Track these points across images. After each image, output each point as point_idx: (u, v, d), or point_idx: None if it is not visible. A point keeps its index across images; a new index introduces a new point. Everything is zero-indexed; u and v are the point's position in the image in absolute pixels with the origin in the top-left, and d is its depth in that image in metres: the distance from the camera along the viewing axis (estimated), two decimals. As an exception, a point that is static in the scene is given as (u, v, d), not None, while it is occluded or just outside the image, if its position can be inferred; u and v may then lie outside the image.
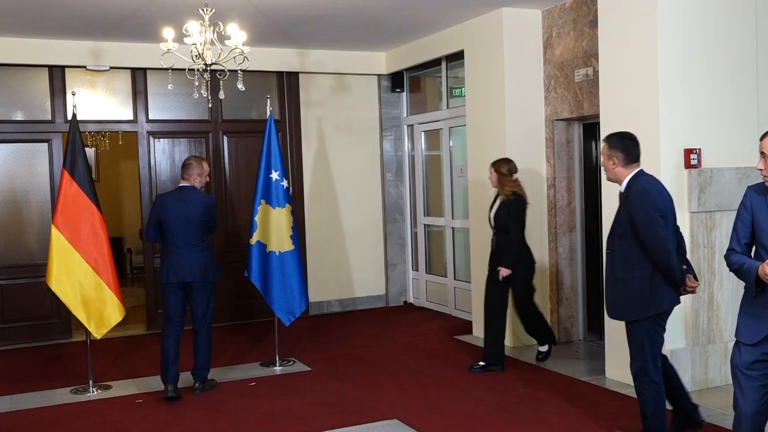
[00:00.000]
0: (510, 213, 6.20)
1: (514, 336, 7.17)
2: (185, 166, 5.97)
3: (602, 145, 4.51)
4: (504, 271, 6.23)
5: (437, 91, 9.32)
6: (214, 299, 6.02)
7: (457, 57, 8.22)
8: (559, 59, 7.06)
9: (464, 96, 7.99)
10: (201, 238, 5.87)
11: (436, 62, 8.71)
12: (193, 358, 5.92)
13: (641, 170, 4.39)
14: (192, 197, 5.86)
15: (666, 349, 5.50)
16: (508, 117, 7.14)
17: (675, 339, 5.54)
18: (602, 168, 4.56)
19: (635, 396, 5.47)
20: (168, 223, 5.81)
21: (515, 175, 6.33)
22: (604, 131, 5.97)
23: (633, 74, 5.68)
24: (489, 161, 7.31)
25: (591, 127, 7.21)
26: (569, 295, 7.32)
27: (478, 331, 7.64)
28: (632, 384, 5.66)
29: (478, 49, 7.52)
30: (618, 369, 5.92)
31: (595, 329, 7.19)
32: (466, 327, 7.97)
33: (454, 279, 8.87)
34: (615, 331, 5.93)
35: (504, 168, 6.32)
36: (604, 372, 6.08)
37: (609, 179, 4.53)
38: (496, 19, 7.19)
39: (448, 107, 8.81)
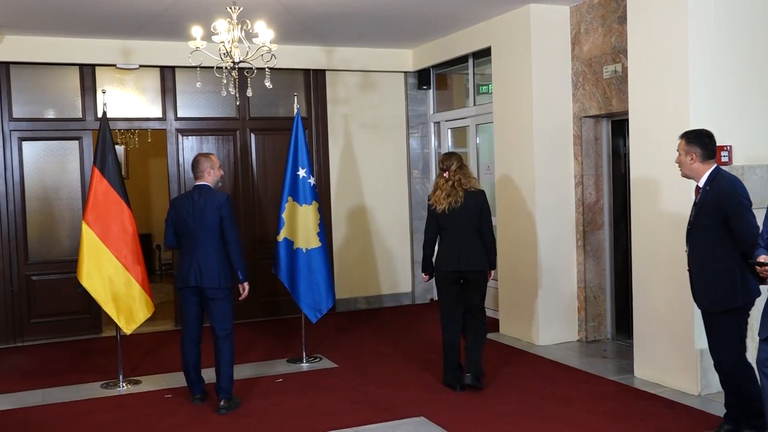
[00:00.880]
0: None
1: (543, 334, 7.13)
2: (195, 164, 5.62)
3: (679, 141, 4.62)
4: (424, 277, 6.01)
5: (464, 88, 9.28)
6: (232, 307, 5.56)
7: (484, 54, 8.18)
8: (587, 55, 7.00)
9: (491, 93, 7.94)
10: (214, 240, 5.45)
11: (462, 59, 8.68)
12: (215, 371, 5.52)
13: (718, 165, 4.53)
14: (205, 196, 5.49)
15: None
16: (535, 114, 7.09)
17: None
18: (677, 163, 4.64)
19: (665, 396, 5.45)
20: (180, 224, 5.52)
21: (445, 173, 5.79)
22: (633, 128, 5.92)
23: (663, 70, 5.61)
24: (516, 158, 7.30)
25: (619, 124, 7.14)
26: (597, 294, 7.26)
27: (505, 329, 7.62)
28: (662, 384, 5.67)
29: (505, 45, 7.48)
30: (647, 368, 5.86)
31: (624, 328, 7.12)
32: (493, 325, 7.91)
33: (481, 276, 8.82)
34: (644, 330, 5.89)
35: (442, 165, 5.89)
36: (632, 371, 6.02)
37: (684, 175, 4.64)
38: (523, 16, 7.14)
39: (474, 104, 8.77)
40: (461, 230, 5.73)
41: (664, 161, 5.59)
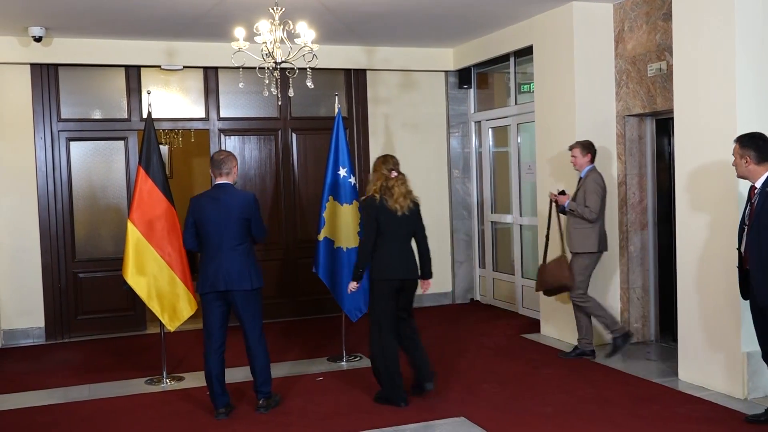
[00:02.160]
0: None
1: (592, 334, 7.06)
2: (218, 161, 5.37)
3: (734, 145, 4.81)
4: (351, 285, 5.67)
5: (505, 87, 9.23)
6: (262, 308, 5.43)
7: (525, 52, 8.12)
8: (631, 53, 6.90)
9: (533, 92, 7.89)
10: (241, 240, 5.27)
11: (504, 58, 8.63)
12: (251, 374, 5.46)
13: None
14: (229, 195, 5.30)
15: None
16: (578, 113, 7.02)
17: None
18: (734, 166, 4.85)
19: (710, 400, 5.36)
20: (204, 225, 5.27)
21: (393, 173, 5.58)
22: (679, 127, 5.83)
23: (709, 68, 5.51)
24: (558, 158, 7.23)
25: (664, 123, 7.03)
26: (641, 295, 7.16)
27: (547, 330, 7.56)
28: (707, 387, 5.60)
29: (547, 44, 7.41)
30: (692, 371, 5.77)
31: (668, 330, 7.01)
32: (534, 326, 7.87)
33: (522, 277, 8.77)
34: (689, 332, 5.79)
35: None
36: (676, 374, 5.93)
37: (740, 176, 4.85)
38: (566, 14, 7.07)
39: (516, 103, 8.72)
40: (403, 236, 5.56)
41: (710, 160, 5.51)
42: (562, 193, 6.64)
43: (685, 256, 5.80)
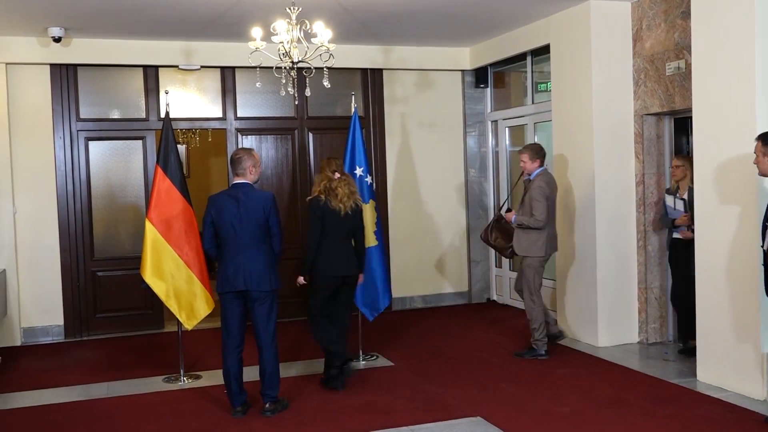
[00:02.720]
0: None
1: (602, 335, 7.03)
2: (236, 160, 5.39)
3: (755, 143, 4.82)
4: (299, 279, 6.00)
5: (522, 86, 9.20)
6: (277, 310, 5.41)
7: (542, 51, 8.09)
8: (649, 52, 6.86)
9: (550, 91, 7.86)
10: (259, 241, 5.28)
11: (521, 57, 8.60)
12: (259, 376, 5.43)
13: None
14: (248, 195, 5.30)
15: None
16: (595, 112, 6.99)
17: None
18: (756, 164, 4.87)
19: (728, 401, 5.33)
20: (222, 225, 5.28)
21: (336, 174, 5.87)
22: (697, 125, 5.79)
23: (728, 67, 5.47)
24: (575, 157, 7.21)
25: (682, 122, 6.99)
26: (658, 295, 7.11)
27: (565, 330, 7.51)
28: (726, 388, 5.57)
29: (564, 42, 7.39)
30: (710, 371, 5.73)
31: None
32: (551, 325, 7.84)
33: (539, 276, 8.74)
34: (707, 332, 5.75)
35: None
36: (695, 374, 5.89)
37: (762, 174, 4.86)
38: (583, 12, 7.04)
39: (533, 102, 8.69)
40: (345, 235, 5.90)
41: (730, 159, 5.47)
42: (509, 210, 6.85)
43: (705, 256, 5.76)
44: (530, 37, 8.02)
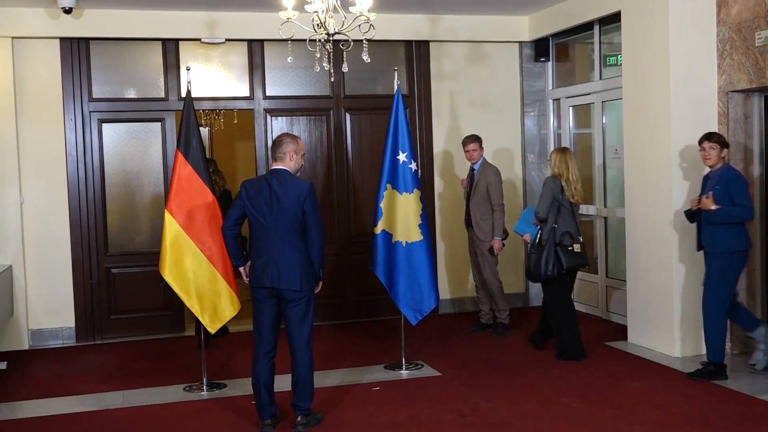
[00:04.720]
0: None
1: (679, 344, 6.95)
2: (277, 143, 5.42)
3: None
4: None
5: (588, 60, 9.12)
6: (313, 312, 5.43)
7: (612, 20, 8.01)
8: (735, 20, 6.75)
9: (620, 65, 7.79)
10: (293, 234, 5.28)
11: (587, 26, 8.53)
12: (291, 386, 5.43)
13: None
14: (284, 183, 5.29)
15: None
16: (672, 89, 6.90)
17: None
18: None
19: (826, 420, 5.22)
20: (252, 213, 5.31)
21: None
22: (792, 104, 5.68)
23: (829, 35, 5.36)
24: (650, 140, 7.12)
25: (775, 100, 6.87)
26: (744, 298, 6.99)
27: (635, 338, 7.45)
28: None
29: (637, 9, 7.30)
30: (805, 387, 5.63)
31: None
32: (621, 332, 7.77)
33: (607, 277, 8.67)
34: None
35: None
36: (787, 390, 5.81)
37: None
38: (660, -26, 6.96)
39: (600, 78, 8.61)
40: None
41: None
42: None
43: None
44: (598, 3, 7.94)
